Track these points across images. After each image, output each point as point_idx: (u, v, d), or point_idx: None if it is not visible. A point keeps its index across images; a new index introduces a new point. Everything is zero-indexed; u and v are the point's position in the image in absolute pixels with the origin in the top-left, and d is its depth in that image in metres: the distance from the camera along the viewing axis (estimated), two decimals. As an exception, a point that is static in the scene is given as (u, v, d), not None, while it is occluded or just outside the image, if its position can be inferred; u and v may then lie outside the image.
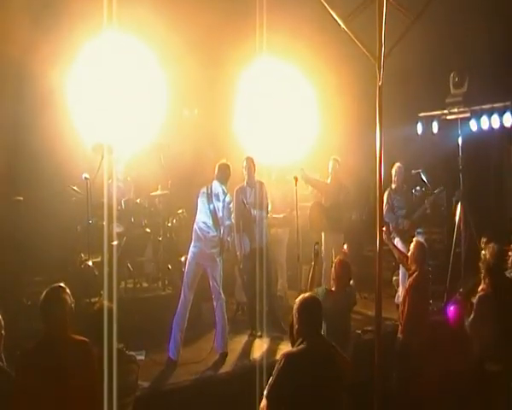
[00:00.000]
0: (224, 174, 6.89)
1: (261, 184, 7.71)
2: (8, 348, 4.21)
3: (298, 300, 4.13)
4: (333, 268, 6.00)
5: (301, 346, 3.95)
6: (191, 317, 6.84)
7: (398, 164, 8.53)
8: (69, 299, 3.91)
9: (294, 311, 4.09)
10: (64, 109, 7.61)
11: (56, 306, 3.84)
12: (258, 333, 7.40)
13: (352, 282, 6.04)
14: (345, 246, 6.85)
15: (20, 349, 3.89)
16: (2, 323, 4.17)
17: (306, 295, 4.24)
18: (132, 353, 4.25)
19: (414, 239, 6.59)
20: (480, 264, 5.97)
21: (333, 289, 5.90)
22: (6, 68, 7.38)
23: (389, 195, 8.36)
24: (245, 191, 7.64)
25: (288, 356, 3.92)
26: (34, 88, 7.50)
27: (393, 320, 7.36)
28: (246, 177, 7.63)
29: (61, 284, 3.96)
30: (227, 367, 6.50)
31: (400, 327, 6.31)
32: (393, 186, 8.49)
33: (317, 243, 7.46)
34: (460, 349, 6.07)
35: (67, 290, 3.94)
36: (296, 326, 4.05)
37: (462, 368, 5.92)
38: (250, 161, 7.63)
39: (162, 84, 8.06)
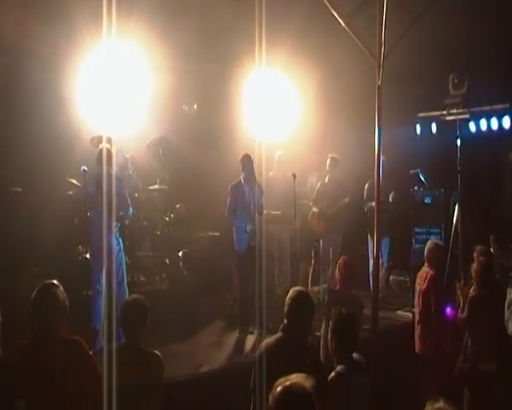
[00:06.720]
0: None
1: (254, 181, 7.51)
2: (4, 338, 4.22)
3: (289, 294, 4.11)
4: (337, 268, 6.00)
5: (278, 334, 4.02)
6: (190, 311, 6.77)
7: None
8: (62, 295, 3.73)
9: (286, 305, 4.09)
10: (63, 101, 7.62)
11: (48, 304, 3.67)
12: (250, 329, 7.29)
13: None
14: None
15: (15, 344, 3.82)
16: None
17: (297, 288, 4.21)
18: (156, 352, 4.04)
19: (429, 241, 6.58)
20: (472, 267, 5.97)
21: (336, 288, 5.92)
22: (2, 59, 7.36)
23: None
24: (242, 188, 7.49)
25: (265, 345, 4.00)
26: (32, 80, 7.48)
27: (389, 319, 7.43)
28: (242, 174, 7.46)
29: (54, 281, 3.79)
30: (221, 362, 6.50)
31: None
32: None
33: (316, 241, 7.42)
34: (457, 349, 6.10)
35: (60, 287, 3.77)
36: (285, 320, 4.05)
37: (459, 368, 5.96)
38: (247, 157, 7.46)
39: (161, 79, 8.09)
